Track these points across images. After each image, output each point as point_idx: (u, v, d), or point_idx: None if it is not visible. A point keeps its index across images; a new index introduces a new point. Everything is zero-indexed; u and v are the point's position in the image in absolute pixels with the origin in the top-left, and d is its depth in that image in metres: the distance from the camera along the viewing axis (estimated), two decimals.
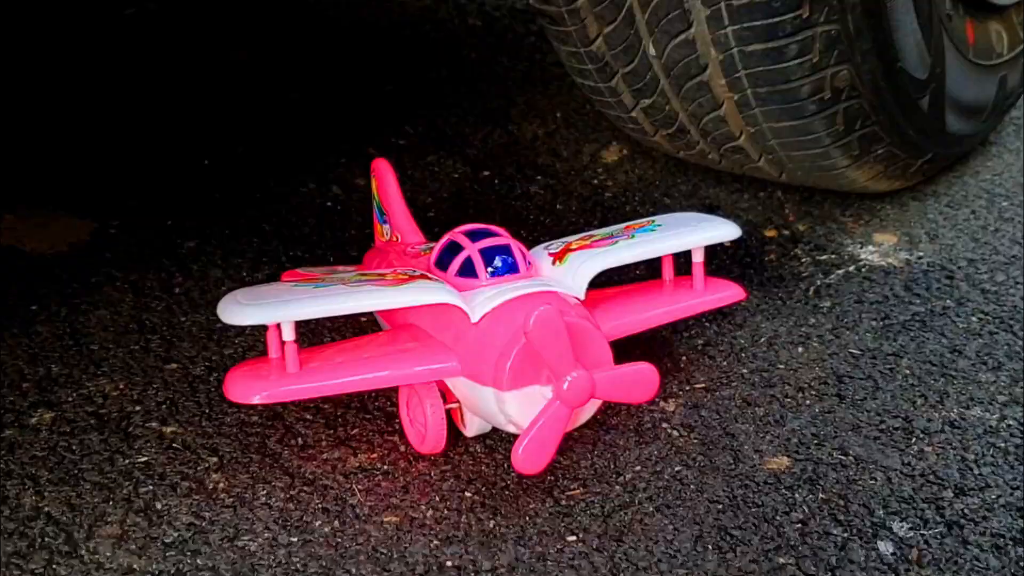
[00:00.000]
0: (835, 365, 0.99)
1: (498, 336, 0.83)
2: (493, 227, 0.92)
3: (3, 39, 1.54)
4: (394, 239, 1.01)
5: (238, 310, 0.86)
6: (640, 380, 0.85)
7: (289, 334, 0.84)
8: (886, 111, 1.11)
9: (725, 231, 0.98)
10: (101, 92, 1.46)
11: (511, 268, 0.89)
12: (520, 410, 0.83)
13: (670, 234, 0.96)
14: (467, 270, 0.89)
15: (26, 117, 1.40)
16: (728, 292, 0.99)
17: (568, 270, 0.90)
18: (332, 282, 0.90)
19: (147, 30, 1.63)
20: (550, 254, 0.93)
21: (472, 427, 0.90)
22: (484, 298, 0.86)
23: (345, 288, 0.88)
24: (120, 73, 1.51)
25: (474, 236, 0.90)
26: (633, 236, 0.96)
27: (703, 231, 0.97)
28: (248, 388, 0.84)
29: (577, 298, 0.88)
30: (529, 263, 0.90)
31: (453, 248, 0.90)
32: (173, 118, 1.41)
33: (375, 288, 0.88)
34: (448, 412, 0.89)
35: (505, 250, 0.89)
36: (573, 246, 0.94)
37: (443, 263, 0.90)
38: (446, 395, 0.89)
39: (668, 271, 0.98)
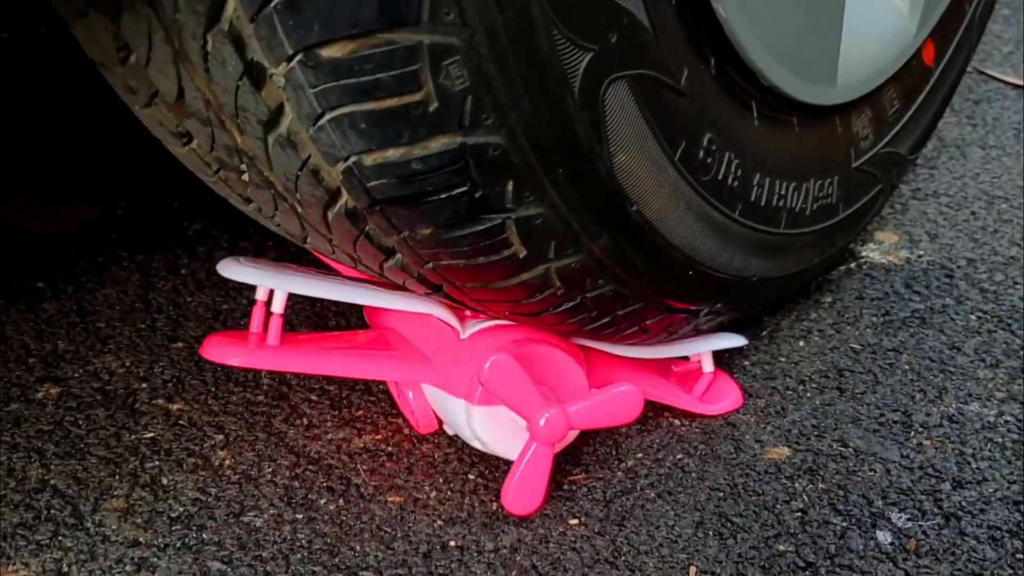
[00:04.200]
0: (836, 359, 1.00)
1: (480, 352, 0.82)
2: None
3: (11, 26, 1.54)
4: None
5: (238, 268, 0.85)
6: (620, 404, 0.82)
7: (279, 306, 0.83)
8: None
9: (732, 340, 0.97)
10: None
11: None
12: (486, 428, 0.83)
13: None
14: None
15: (33, 101, 1.40)
16: (723, 403, 0.94)
17: None
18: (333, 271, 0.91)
19: None
20: None
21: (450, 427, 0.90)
22: (475, 320, 0.86)
23: (345, 278, 0.89)
24: None
25: None
26: None
27: (710, 339, 0.95)
28: (227, 350, 0.83)
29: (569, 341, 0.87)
30: None
31: None
32: None
33: (375, 286, 0.87)
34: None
35: None
36: None
37: None
38: None
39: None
